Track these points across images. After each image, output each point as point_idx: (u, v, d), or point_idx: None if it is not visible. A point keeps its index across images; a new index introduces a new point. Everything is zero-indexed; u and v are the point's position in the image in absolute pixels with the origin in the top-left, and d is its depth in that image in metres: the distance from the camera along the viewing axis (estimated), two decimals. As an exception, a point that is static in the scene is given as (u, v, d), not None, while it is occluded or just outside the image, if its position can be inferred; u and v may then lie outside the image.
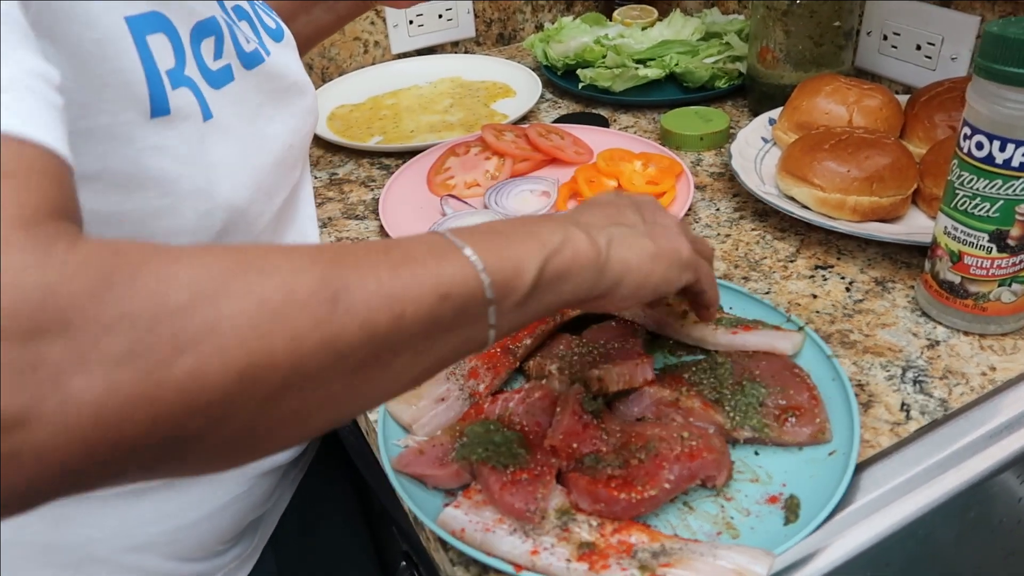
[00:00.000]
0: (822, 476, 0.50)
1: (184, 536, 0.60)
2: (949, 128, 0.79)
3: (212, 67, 0.49)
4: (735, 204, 0.83)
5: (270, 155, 0.54)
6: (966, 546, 0.55)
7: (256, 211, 0.52)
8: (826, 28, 0.91)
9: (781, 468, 0.52)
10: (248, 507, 0.64)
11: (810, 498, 0.49)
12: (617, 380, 0.56)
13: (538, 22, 1.36)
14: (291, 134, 0.58)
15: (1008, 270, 0.58)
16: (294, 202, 0.63)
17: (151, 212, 0.44)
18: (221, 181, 0.48)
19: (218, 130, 0.48)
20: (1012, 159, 0.54)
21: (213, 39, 0.49)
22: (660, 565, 0.44)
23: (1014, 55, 0.51)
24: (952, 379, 0.58)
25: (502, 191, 0.85)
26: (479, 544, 0.47)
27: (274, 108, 0.56)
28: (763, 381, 0.56)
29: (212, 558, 0.64)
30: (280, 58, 0.58)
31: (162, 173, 0.44)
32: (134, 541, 0.58)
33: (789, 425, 0.53)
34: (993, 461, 0.53)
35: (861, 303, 0.67)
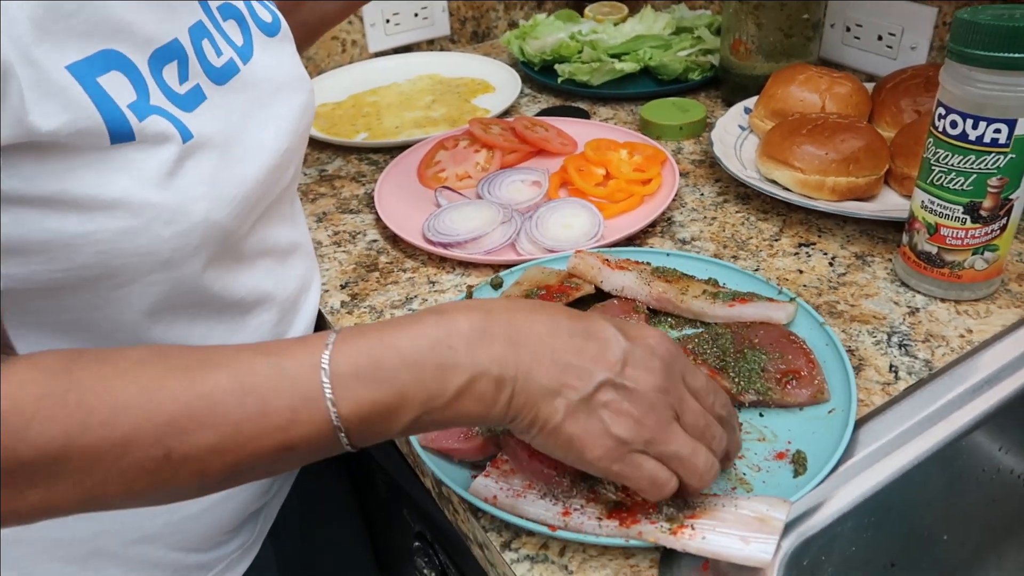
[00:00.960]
0: (824, 432, 0.54)
1: (189, 527, 0.61)
2: (915, 112, 0.85)
3: (179, 91, 0.48)
4: (718, 189, 0.87)
5: (262, 164, 0.54)
6: (955, 493, 0.59)
7: (239, 223, 0.52)
8: (795, 20, 0.96)
9: (785, 427, 0.55)
10: (250, 497, 0.65)
11: (815, 452, 0.53)
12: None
13: (511, 19, 1.39)
14: (285, 137, 0.57)
15: (981, 239, 0.63)
16: (282, 201, 0.62)
17: (120, 232, 0.44)
18: (197, 201, 0.48)
19: (201, 149, 0.48)
20: (984, 136, 0.58)
21: (176, 63, 0.49)
22: (687, 517, 0.47)
23: (983, 39, 0.55)
24: (934, 342, 0.63)
25: (494, 181, 0.87)
26: (511, 509, 0.50)
27: (264, 114, 0.56)
28: (763, 348, 0.60)
29: (215, 548, 0.65)
30: (268, 59, 0.58)
31: (128, 195, 0.44)
32: (140, 533, 0.58)
33: (790, 387, 0.57)
34: (976, 413, 0.57)
35: (844, 276, 0.71)
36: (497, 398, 0.41)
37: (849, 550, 0.53)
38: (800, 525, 0.50)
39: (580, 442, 0.42)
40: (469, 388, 0.41)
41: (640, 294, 0.66)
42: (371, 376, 0.40)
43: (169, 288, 0.49)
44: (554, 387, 0.42)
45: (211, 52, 0.53)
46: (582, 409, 0.42)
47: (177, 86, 0.49)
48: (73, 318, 0.48)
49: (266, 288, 0.59)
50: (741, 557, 0.44)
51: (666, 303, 0.65)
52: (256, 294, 0.58)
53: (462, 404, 0.41)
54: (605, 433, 0.42)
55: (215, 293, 0.54)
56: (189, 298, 0.52)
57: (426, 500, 0.66)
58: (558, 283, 0.67)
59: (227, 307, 0.56)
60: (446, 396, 0.41)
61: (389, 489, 0.79)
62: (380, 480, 0.82)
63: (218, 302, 0.55)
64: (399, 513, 0.79)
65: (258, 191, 0.54)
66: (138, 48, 0.46)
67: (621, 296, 0.67)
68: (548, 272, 0.69)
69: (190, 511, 0.60)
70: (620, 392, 0.43)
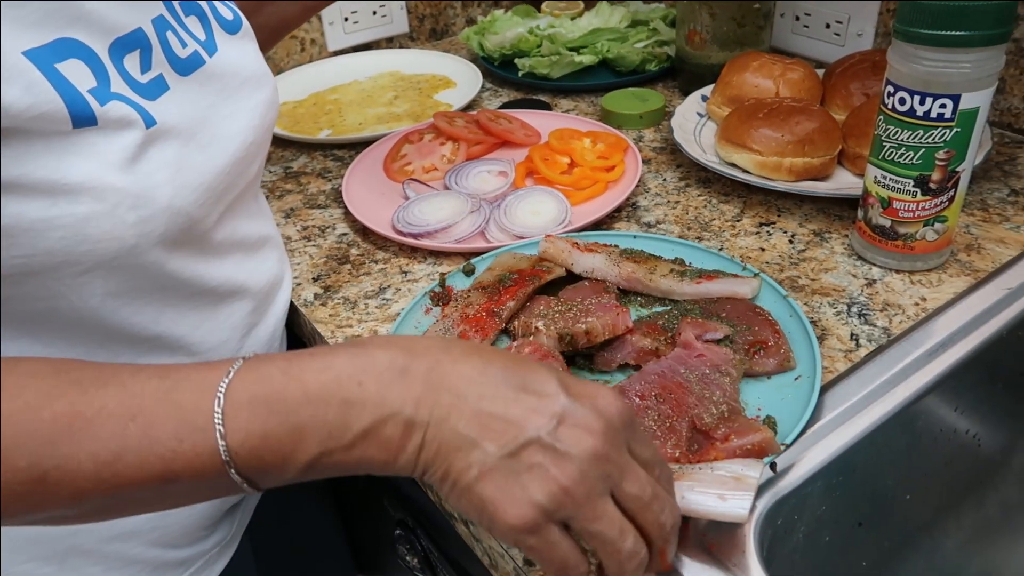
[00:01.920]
0: (792, 398, 0.57)
1: (168, 522, 0.60)
2: (864, 95, 0.88)
3: (141, 80, 0.49)
4: (680, 174, 0.89)
5: (227, 155, 0.54)
6: (915, 454, 0.62)
7: (205, 212, 0.53)
8: (747, 10, 0.99)
9: (755, 395, 0.58)
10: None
11: (784, 417, 0.55)
12: (603, 330, 0.60)
13: (469, 16, 1.40)
14: (251, 131, 0.58)
15: (931, 211, 0.66)
16: (246, 196, 0.63)
17: (84, 218, 0.44)
18: (162, 186, 0.48)
19: (165, 135, 0.48)
20: (931, 111, 0.61)
21: (138, 52, 0.49)
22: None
23: (927, 19, 0.58)
24: (891, 311, 0.66)
25: (461, 173, 0.88)
26: None
27: (231, 106, 0.56)
28: (730, 321, 0.62)
29: (194, 544, 0.64)
30: (232, 54, 0.59)
31: (92, 179, 0.44)
32: (119, 530, 0.58)
33: (758, 357, 0.59)
34: (932, 376, 0.60)
35: (804, 252, 0.74)
36: (404, 445, 0.38)
37: (819, 509, 0.56)
38: (773, 486, 0.52)
39: (493, 506, 0.38)
40: (374, 430, 0.38)
41: (610, 275, 0.68)
42: (267, 408, 0.38)
43: (134, 275, 0.49)
44: (472, 438, 0.38)
45: (176, 43, 0.53)
46: (501, 469, 0.37)
47: (139, 75, 0.49)
48: (36, 308, 0.48)
49: (240, 279, 0.60)
50: (719, 513, 0.46)
51: (635, 283, 0.67)
52: (230, 285, 0.59)
53: (366, 448, 0.38)
54: (524, 500, 0.37)
55: (184, 280, 0.54)
56: (156, 284, 0.52)
57: (407, 485, 0.66)
58: (530, 267, 0.68)
59: (198, 295, 0.56)
60: (348, 437, 0.38)
61: (367, 479, 0.80)
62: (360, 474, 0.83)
63: (188, 290, 0.55)
64: (379, 503, 0.80)
65: (224, 181, 0.54)
66: (98, 36, 0.46)
67: (592, 277, 0.68)
68: (520, 257, 0.70)
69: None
70: (549, 455, 0.38)
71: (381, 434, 0.38)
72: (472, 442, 0.38)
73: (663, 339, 0.61)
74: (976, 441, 0.69)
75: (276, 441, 0.38)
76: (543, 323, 0.62)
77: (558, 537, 0.39)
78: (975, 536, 0.74)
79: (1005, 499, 0.76)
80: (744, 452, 0.50)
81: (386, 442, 0.38)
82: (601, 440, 0.39)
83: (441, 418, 0.38)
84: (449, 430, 0.38)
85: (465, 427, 0.38)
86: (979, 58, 0.58)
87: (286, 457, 0.38)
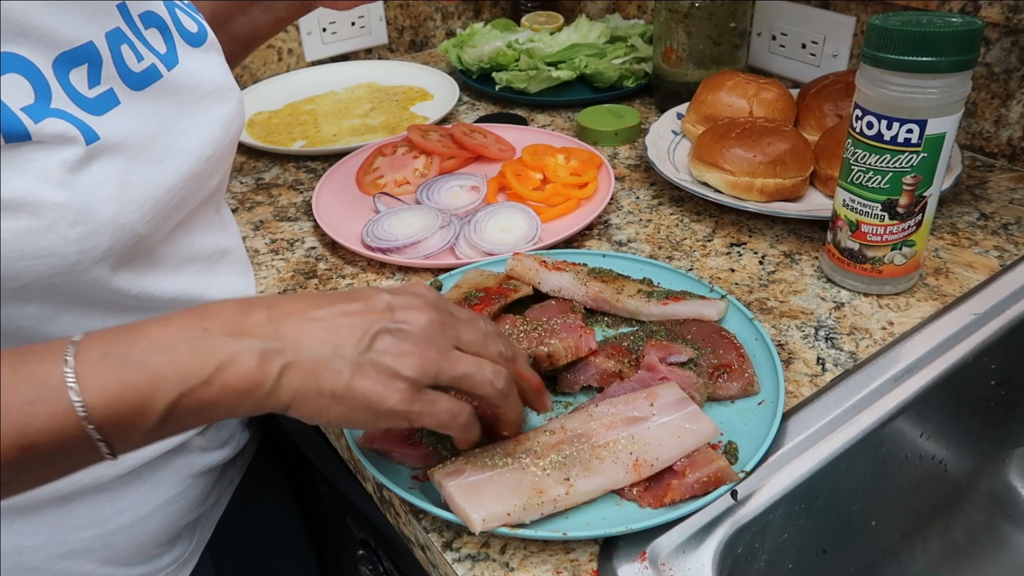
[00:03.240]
0: (754, 423, 0.56)
1: (119, 540, 0.59)
2: (837, 116, 0.88)
3: (89, 95, 0.48)
4: (653, 192, 0.89)
5: (181, 170, 0.53)
6: (880, 479, 0.62)
7: (153, 227, 0.51)
8: (723, 29, 0.99)
9: (718, 419, 0.56)
10: (184, 508, 0.64)
11: (746, 443, 0.54)
12: (565, 353, 0.59)
13: (448, 29, 1.40)
14: (211, 145, 0.57)
15: (899, 235, 0.66)
16: (205, 209, 0.61)
17: (21, 233, 0.43)
18: (105, 202, 0.46)
19: (109, 151, 0.47)
20: (897, 135, 0.61)
21: (86, 67, 0.48)
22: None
23: (894, 44, 0.58)
24: (858, 335, 0.65)
25: (433, 187, 0.87)
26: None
27: (189, 120, 0.55)
28: (695, 344, 0.61)
29: (149, 562, 0.63)
30: (193, 67, 0.58)
31: (28, 194, 0.43)
32: (67, 547, 0.57)
33: (722, 381, 0.58)
34: (898, 401, 0.60)
35: (774, 274, 0.73)
36: (265, 371, 0.40)
37: (781, 537, 0.55)
38: (733, 514, 0.51)
39: (376, 394, 0.42)
40: (230, 362, 0.39)
41: (577, 294, 0.67)
42: (119, 360, 0.38)
43: (75, 290, 0.48)
44: (329, 351, 0.41)
45: (131, 57, 0.52)
46: (366, 363, 0.42)
47: (87, 90, 0.48)
48: None
49: (194, 293, 0.59)
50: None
51: (602, 302, 0.66)
52: (184, 298, 0.57)
53: (226, 380, 0.39)
54: (395, 377, 0.42)
55: (131, 296, 0.52)
56: (98, 300, 0.51)
57: (368, 506, 0.65)
58: (496, 285, 0.67)
59: (146, 310, 0.55)
60: (205, 372, 0.39)
61: (332, 497, 0.78)
62: (323, 489, 0.81)
63: (136, 304, 0.53)
64: (343, 521, 0.78)
65: (176, 196, 0.53)
66: (42, 51, 0.45)
67: (559, 297, 0.68)
68: (487, 274, 0.70)
69: (120, 523, 0.59)
70: (397, 335, 0.43)
71: (238, 365, 0.39)
72: (330, 353, 0.41)
73: (627, 361, 0.60)
74: (942, 466, 0.69)
75: (133, 388, 0.38)
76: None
77: (435, 395, 0.44)
78: (942, 561, 0.74)
79: (971, 523, 0.76)
80: (701, 485, 0.50)
81: (245, 372, 0.40)
82: (431, 310, 0.45)
83: (294, 345, 0.41)
84: (306, 351, 0.41)
85: (318, 344, 0.41)
86: (945, 84, 0.58)
87: (145, 404, 0.38)
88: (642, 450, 0.51)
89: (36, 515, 0.55)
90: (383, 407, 0.42)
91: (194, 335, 0.40)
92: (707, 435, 0.52)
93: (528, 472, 0.50)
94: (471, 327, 0.47)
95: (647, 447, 0.51)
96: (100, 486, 0.57)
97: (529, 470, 0.50)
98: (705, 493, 0.50)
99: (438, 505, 0.50)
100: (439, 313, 0.46)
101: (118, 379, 0.38)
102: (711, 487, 0.50)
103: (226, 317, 0.41)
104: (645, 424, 0.52)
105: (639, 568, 0.48)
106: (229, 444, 0.69)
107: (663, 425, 0.52)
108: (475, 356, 0.46)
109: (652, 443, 0.51)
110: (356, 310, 0.44)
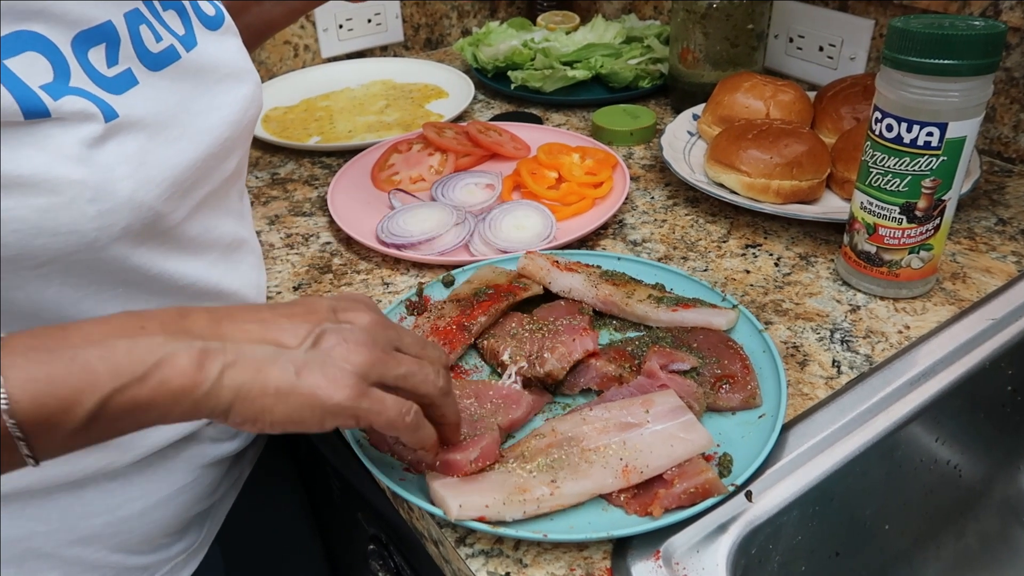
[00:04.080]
0: (752, 436, 0.55)
1: (129, 527, 0.59)
2: (854, 119, 0.88)
3: (107, 74, 0.48)
4: (668, 192, 0.89)
5: (199, 149, 0.54)
6: (894, 484, 0.61)
7: (171, 206, 0.52)
8: (741, 30, 0.99)
9: (716, 430, 0.56)
10: (193, 498, 0.64)
11: (741, 456, 0.53)
12: (561, 364, 0.58)
13: (464, 27, 1.40)
14: (228, 126, 0.57)
15: (917, 239, 0.65)
16: (227, 192, 0.61)
17: (41, 210, 0.43)
18: (123, 180, 0.47)
19: (127, 129, 0.48)
20: (917, 138, 0.61)
21: (104, 46, 0.48)
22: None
23: (916, 46, 0.58)
24: (873, 338, 0.65)
25: (448, 184, 0.88)
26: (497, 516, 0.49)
27: (207, 101, 0.56)
28: (700, 352, 0.61)
29: (158, 551, 0.63)
30: (212, 48, 0.58)
31: (47, 171, 0.43)
32: (78, 534, 0.57)
33: (723, 392, 0.57)
34: (913, 405, 0.59)
35: (789, 276, 0.73)
36: (204, 370, 0.39)
37: (795, 539, 0.55)
38: (747, 515, 0.51)
39: (323, 390, 0.41)
40: (168, 359, 0.38)
41: (587, 296, 0.67)
42: (48, 355, 0.36)
43: (96, 268, 0.48)
44: (271, 351, 0.41)
45: (149, 38, 0.52)
46: (311, 360, 0.42)
47: (105, 69, 0.48)
48: None
49: (211, 280, 0.59)
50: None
51: (611, 306, 0.66)
52: (201, 285, 0.57)
53: (163, 378, 0.38)
54: (343, 372, 0.42)
55: (151, 276, 0.53)
56: (119, 279, 0.51)
57: (381, 501, 0.65)
58: (507, 283, 0.67)
59: (166, 292, 0.55)
60: (139, 370, 0.38)
61: (343, 492, 0.79)
62: (334, 484, 0.81)
63: (155, 286, 0.54)
64: (354, 517, 0.79)
65: (193, 175, 0.53)
66: (61, 30, 0.45)
67: (568, 297, 0.67)
68: (499, 272, 0.70)
69: (131, 511, 0.59)
70: (342, 334, 0.44)
71: (176, 362, 0.38)
72: (274, 351, 0.41)
73: (628, 366, 0.60)
74: (957, 471, 0.68)
75: (62, 382, 0.36)
76: (509, 352, 0.61)
77: (381, 393, 0.44)
78: (954, 566, 0.73)
79: (985, 529, 0.75)
80: (688, 496, 0.49)
81: (183, 370, 0.38)
82: (372, 314, 0.47)
83: (236, 345, 0.40)
84: (248, 350, 0.41)
85: (261, 343, 0.41)
86: (967, 87, 0.58)
87: (72, 400, 0.36)
88: (633, 456, 0.50)
89: (48, 501, 0.55)
90: (330, 403, 0.41)
91: (131, 333, 0.39)
92: (700, 445, 0.51)
93: (514, 474, 0.50)
94: (409, 332, 0.48)
95: (638, 454, 0.51)
96: (112, 473, 0.57)
97: (516, 472, 0.50)
98: (692, 504, 0.49)
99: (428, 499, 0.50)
100: (380, 317, 0.47)
101: (46, 372, 0.36)
102: (698, 498, 0.49)
103: (165, 318, 0.41)
104: (638, 430, 0.52)
105: (652, 566, 0.48)
106: (240, 435, 0.69)
107: (656, 433, 0.52)
108: (416, 359, 0.47)
109: (643, 450, 0.51)
110: (298, 312, 0.44)
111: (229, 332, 0.41)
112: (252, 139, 1.05)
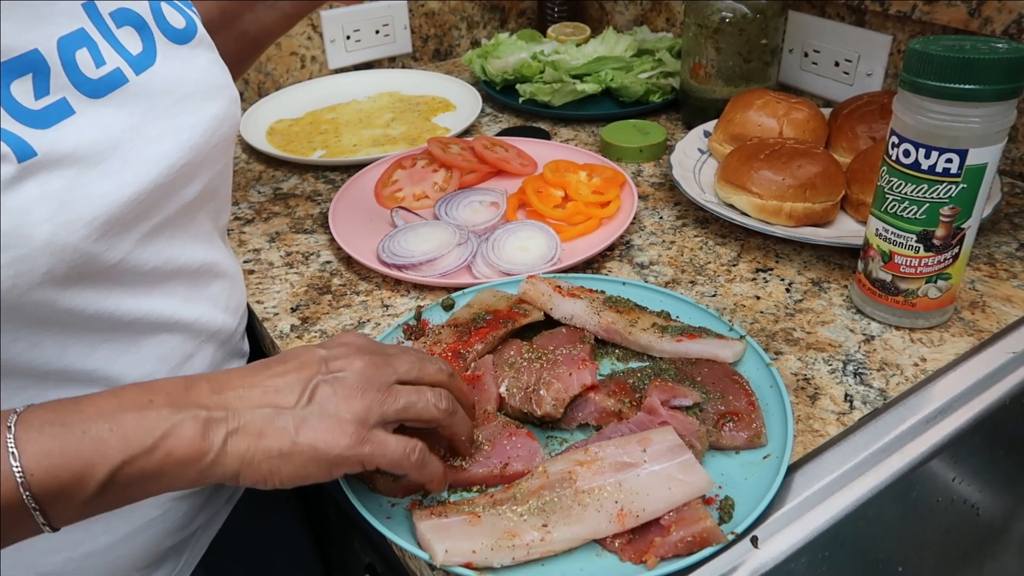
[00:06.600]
0: (756, 479, 0.52)
1: (92, 564, 0.57)
2: (870, 139, 0.85)
3: (34, 107, 0.45)
4: (677, 212, 0.86)
5: (145, 180, 0.50)
6: (910, 525, 0.59)
7: (104, 245, 0.48)
8: (754, 46, 0.97)
9: (718, 471, 0.53)
10: (164, 532, 0.61)
11: (744, 499, 0.50)
12: (556, 404, 0.56)
13: (474, 38, 1.38)
14: (187, 151, 0.54)
15: (934, 268, 0.63)
16: (192, 218, 0.58)
17: None
18: (40, 224, 0.43)
19: (50, 166, 0.44)
20: (936, 165, 0.58)
21: (31, 76, 0.45)
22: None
23: (935, 70, 0.55)
24: (888, 370, 0.63)
25: (452, 202, 0.86)
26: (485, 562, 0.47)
27: (162, 125, 0.52)
28: (704, 387, 0.58)
29: None
30: (175, 66, 0.54)
31: None
32: (37, 570, 0.55)
33: (727, 430, 0.55)
34: (930, 444, 0.57)
35: (801, 303, 0.71)
36: (209, 440, 0.41)
37: (804, 585, 0.52)
38: (751, 561, 0.49)
39: (323, 443, 0.42)
40: (174, 431, 0.40)
41: (589, 323, 0.64)
42: (62, 428, 0.38)
43: (21, 312, 0.46)
44: (270, 413, 0.42)
45: (88, 63, 0.49)
46: (309, 415, 0.43)
47: (31, 101, 0.45)
48: None
49: (167, 312, 0.56)
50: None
51: (614, 334, 0.64)
52: (153, 318, 0.55)
53: (170, 449, 0.40)
54: (341, 421, 0.43)
55: (89, 315, 0.50)
56: (51, 321, 0.48)
57: (375, 531, 0.63)
58: (507, 308, 0.65)
59: (111, 329, 0.52)
60: (148, 440, 0.40)
61: (339, 519, 0.77)
62: (331, 510, 0.80)
63: (97, 324, 0.51)
64: (350, 545, 0.77)
65: (136, 209, 0.50)
66: None
67: (570, 324, 0.65)
68: (499, 296, 0.67)
69: (93, 547, 0.57)
70: (336, 383, 0.45)
71: (182, 433, 0.40)
72: (272, 413, 0.42)
73: (628, 401, 0.57)
74: (975, 510, 0.66)
75: (74, 454, 0.38)
76: (505, 386, 0.59)
77: (383, 435, 0.45)
78: (971, 607, 0.71)
79: (1004, 569, 0.72)
80: (685, 544, 0.46)
81: (189, 440, 0.40)
82: (363, 353, 0.47)
83: (236, 413, 0.42)
84: (249, 419, 0.42)
85: (259, 408, 0.42)
86: (988, 113, 0.56)
87: (85, 471, 0.38)
88: (628, 499, 0.48)
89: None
90: (332, 454, 0.42)
91: (139, 406, 0.40)
92: (699, 488, 0.49)
93: (504, 518, 0.48)
94: (403, 357, 0.49)
95: (634, 496, 0.48)
96: None
97: (506, 516, 0.48)
98: (690, 553, 0.46)
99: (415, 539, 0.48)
100: (373, 355, 0.47)
101: (59, 446, 0.38)
102: (696, 547, 0.46)
103: (171, 389, 0.42)
104: (634, 471, 0.49)
105: (652, 617, 0.45)
106: None
107: (654, 474, 0.49)
108: (415, 385, 0.47)
109: (640, 492, 0.48)
110: (291, 368, 0.45)
111: (230, 400, 0.42)
112: (255, 152, 1.05)
